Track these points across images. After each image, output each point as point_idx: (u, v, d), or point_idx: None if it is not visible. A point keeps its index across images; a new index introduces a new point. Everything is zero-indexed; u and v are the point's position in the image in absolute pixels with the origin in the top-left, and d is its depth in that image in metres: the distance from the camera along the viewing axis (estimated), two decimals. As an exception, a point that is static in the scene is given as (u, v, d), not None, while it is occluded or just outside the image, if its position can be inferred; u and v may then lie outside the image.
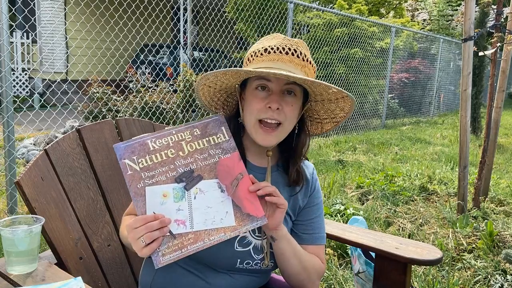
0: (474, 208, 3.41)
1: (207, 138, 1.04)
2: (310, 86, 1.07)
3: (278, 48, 1.07)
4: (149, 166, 0.99)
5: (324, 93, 1.11)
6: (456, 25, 14.67)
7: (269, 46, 1.08)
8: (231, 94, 1.20)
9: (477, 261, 2.60)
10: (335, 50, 7.62)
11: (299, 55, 1.08)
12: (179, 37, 6.49)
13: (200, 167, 1.02)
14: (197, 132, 1.04)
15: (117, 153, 0.98)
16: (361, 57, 7.84)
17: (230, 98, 1.22)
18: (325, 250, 2.63)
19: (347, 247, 2.62)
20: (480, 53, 3.47)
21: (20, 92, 9.57)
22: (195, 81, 1.16)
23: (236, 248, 1.11)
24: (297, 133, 1.18)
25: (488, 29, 4.08)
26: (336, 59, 7.58)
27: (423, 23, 15.29)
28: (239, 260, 1.11)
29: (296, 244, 1.13)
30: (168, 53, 10.38)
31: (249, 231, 1.11)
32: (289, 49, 1.07)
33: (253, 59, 1.10)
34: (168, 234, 0.96)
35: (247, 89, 1.12)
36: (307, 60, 1.09)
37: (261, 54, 1.08)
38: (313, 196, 1.23)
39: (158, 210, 0.96)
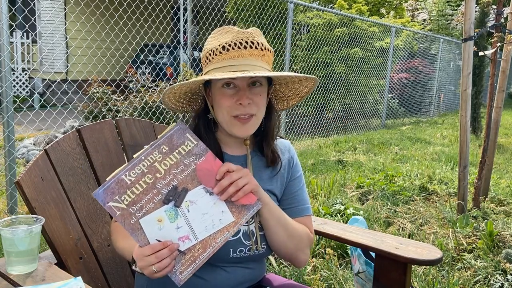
0: (474, 208, 3.41)
1: (177, 150, 1.03)
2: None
3: (235, 44, 1.08)
4: (133, 200, 0.98)
5: (288, 78, 1.16)
6: (456, 25, 14.67)
7: (225, 43, 1.08)
8: (195, 92, 1.22)
9: (477, 261, 2.60)
10: (335, 50, 7.62)
11: (257, 46, 1.09)
12: (179, 37, 6.49)
13: (181, 180, 1.01)
14: (165, 149, 1.02)
15: (99, 200, 0.97)
16: (361, 57, 7.84)
17: (195, 96, 1.24)
18: (325, 250, 2.63)
19: (347, 247, 2.62)
20: (480, 53, 3.47)
21: (20, 92, 9.57)
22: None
23: None
24: (266, 115, 1.19)
25: (488, 29, 4.08)
26: (336, 59, 7.58)
27: (423, 23, 15.28)
28: (231, 249, 1.12)
29: (280, 211, 1.16)
30: (168, 53, 10.38)
31: None
32: (246, 42, 1.08)
33: (212, 58, 1.10)
34: (178, 253, 0.98)
35: (212, 87, 1.14)
36: (265, 49, 1.11)
37: (220, 53, 1.09)
38: (294, 170, 1.27)
39: (159, 236, 0.98)
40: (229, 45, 1.08)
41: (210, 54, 1.11)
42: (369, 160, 5.43)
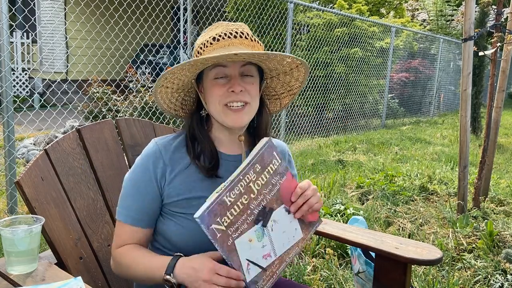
0: (474, 208, 3.41)
1: (266, 169, 1.04)
2: (265, 62, 1.11)
3: (226, 34, 1.09)
4: (231, 221, 0.98)
5: (279, 67, 1.15)
6: (457, 25, 14.66)
7: (216, 34, 1.10)
8: (188, 92, 1.21)
9: (477, 261, 2.60)
10: (335, 50, 7.61)
11: (247, 36, 1.11)
12: (179, 37, 6.50)
13: (268, 200, 1.03)
14: (258, 168, 1.03)
15: (202, 224, 0.94)
16: (361, 57, 7.84)
17: (187, 97, 1.23)
18: (325, 250, 2.63)
19: (347, 247, 2.62)
20: (480, 53, 3.47)
21: (20, 92, 9.57)
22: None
23: None
24: (258, 112, 1.19)
25: (488, 29, 4.08)
26: (336, 59, 7.58)
27: (422, 23, 15.28)
28: None
29: None
30: (168, 53, 10.39)
31: None
32: (236, 32, 1.10)
33: (203, 50, 1.11)
34: (260, 269, 1.01)
35: (204, 81, 1.13)
36: (254, 40, 1.12)
37: (211, 44, 1.10)
38: (291, 168, 1.31)
39: (248, 256, 1.00)
40: (220, 36, 1.09)
41: (201, 48, 1.12)
42: (369, 160, 5.43)
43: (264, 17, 6.61)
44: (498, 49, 3.42)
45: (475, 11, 3.79)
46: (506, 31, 3.37)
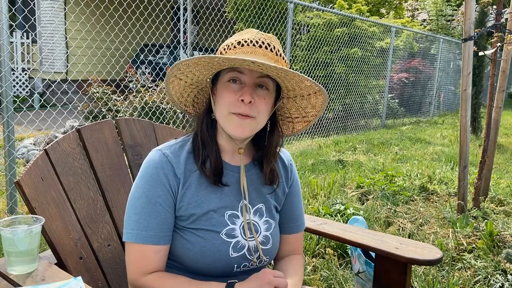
0: (474, 208, 3.41)
1: None
2: (283, 80, 1.07)
3: (251, 41, 1.06)
4: None
5: (296, 88, 1.11)
6: (458, 25, 14.66)
7: (242, 39, 1.07)
8: (201, 90, 1.19)
9: (477, 261, 2.60)
10: (335, 50, 7.62)
11: (273, 49, 1.07)
12: (179, 37, 6.49)
13: None
14: None
15: None
16: (361, 57, 7.84)
17: (200, 95, 1.21)
18: (325, 250, 2.63)
19: (347, 247, 2.62)
20: (480, 53, 3.47)
21: (20, 92, 9.57)
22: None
23: (231, 254, 1.10)
24: (270, 130, 1.16)
25: (488, 29, 4.08)
26: (336, 59, 7.58)
27: (422, 23, 15.29)
28: (235, 265, 1.11)
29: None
30: (168, 53, 10.39)
31: (240, 234, 1.12)
32: (263, 42, 1.06)
33: (226, 52, 1.08)
34: None
35: (218, 83, 1.10)
36: (280, 55, 1.08)
37: (234, 47, 1.07)
38: (294, 185, 1.26)
39: None
40: (245, 41, 1.06)
41: (224, 49, 1.09)
42: (369, 160, 5.43)
43: (264, 17, 6.61)
44: (498, 49, 3.42)
45: (475, 11, 3.79)
46: (506, 31, 3.37)
